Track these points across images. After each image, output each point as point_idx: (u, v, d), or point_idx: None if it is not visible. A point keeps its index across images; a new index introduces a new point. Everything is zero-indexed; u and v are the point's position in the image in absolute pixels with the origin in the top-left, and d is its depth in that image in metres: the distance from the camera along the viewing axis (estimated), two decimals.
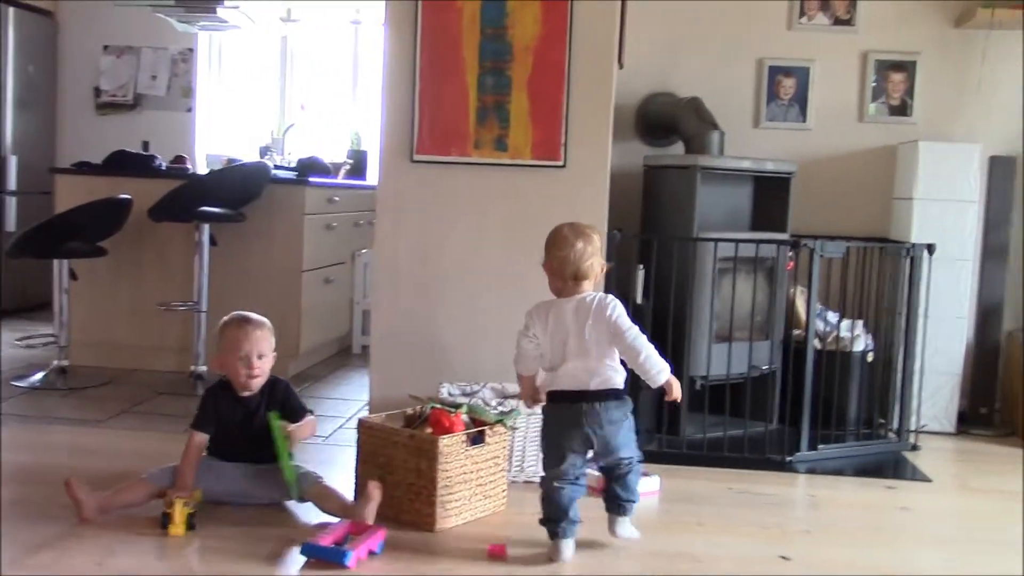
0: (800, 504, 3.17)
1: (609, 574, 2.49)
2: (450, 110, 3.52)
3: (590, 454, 2.58)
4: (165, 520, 2.56)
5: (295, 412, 2.85)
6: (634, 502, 2.62)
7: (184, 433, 2.83)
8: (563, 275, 2.57)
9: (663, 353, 2.57)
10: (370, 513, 2.57)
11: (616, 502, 2.61)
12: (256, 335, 2.83)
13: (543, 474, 2.59)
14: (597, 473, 2.71)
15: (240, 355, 2.80)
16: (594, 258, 2.57)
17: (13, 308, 6.21)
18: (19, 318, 6.10)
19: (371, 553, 2.46)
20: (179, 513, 2.54)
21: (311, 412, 2.92)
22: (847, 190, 4.39)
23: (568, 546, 2.52)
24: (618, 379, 2.56)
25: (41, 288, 6.21)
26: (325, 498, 2.73)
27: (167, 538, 2.51)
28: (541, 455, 2.68)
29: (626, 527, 2.62)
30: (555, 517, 2.52)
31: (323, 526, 2.59)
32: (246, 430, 2.81)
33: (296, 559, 2.42)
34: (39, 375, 4.38)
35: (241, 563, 2.39)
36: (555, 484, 2.52)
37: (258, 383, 2.84)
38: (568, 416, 2.52)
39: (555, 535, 2.53)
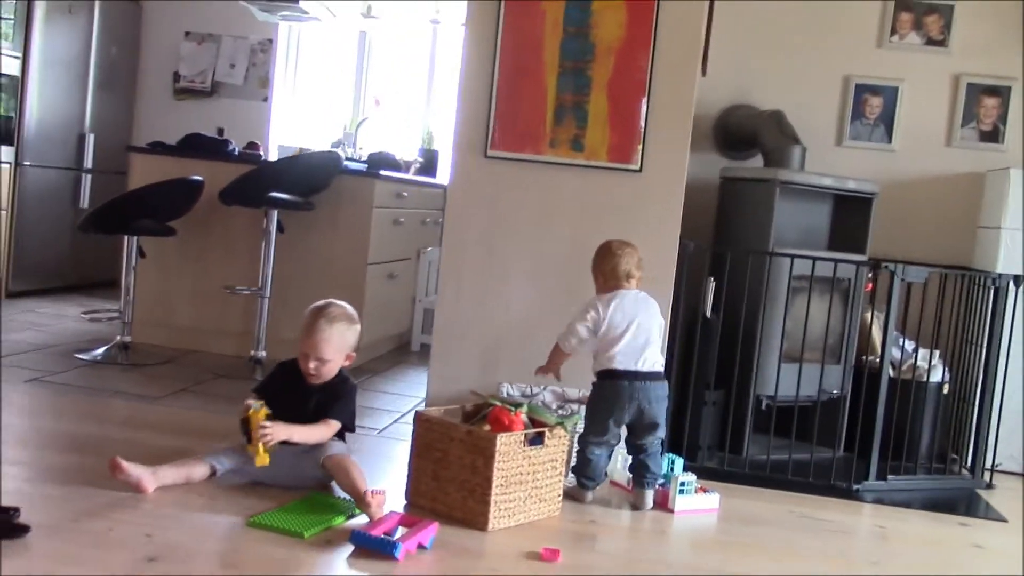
0: (867, 535, 3.03)
1: None
2: (527, 107, 3.46)
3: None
4: (244, 428, 2.63)
5: (326, 413, 2.75)
6: (659, 476, 2.98)
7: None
8: (617, 275, 3.00)
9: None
10: (375, 512, 2.52)
11: (644, 475, 2.96)
12: (320, 338, 2.76)
13: (581, 435, 2.96)
14: (629, 474, 3.05)
15: (302, 350, 2.79)
16: (638, 263, 3.04)
17: (80, 283, 6.30)
18: (83, 293, 6.19)
19: (420, 547, 2.40)
20: (256, 420, 2.60)
21: (341, 426, 2.80)
22: (930, 215, 4.24)
23: (591, 495, 2.97)
24: (661, 363, 2.98)
25: (108, 265, 6.30)
26: (342, 471, 2.64)
27: (217, 515, 2.48)
28: (585, 422, 2.98)
29: (648, 498, 2.96)
30: (591, 476, 2.95)
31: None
32: (298, 413, 2.75)
33: (345, 547, 2.37)
34: (102, 349, 4.41)
35: (289, 548, 2.33)
36: (596, 450, 2.94)
37: (314, 381, 2.81)
38: (622, 392, 2.88)
39: (584, 487, 2.96)
